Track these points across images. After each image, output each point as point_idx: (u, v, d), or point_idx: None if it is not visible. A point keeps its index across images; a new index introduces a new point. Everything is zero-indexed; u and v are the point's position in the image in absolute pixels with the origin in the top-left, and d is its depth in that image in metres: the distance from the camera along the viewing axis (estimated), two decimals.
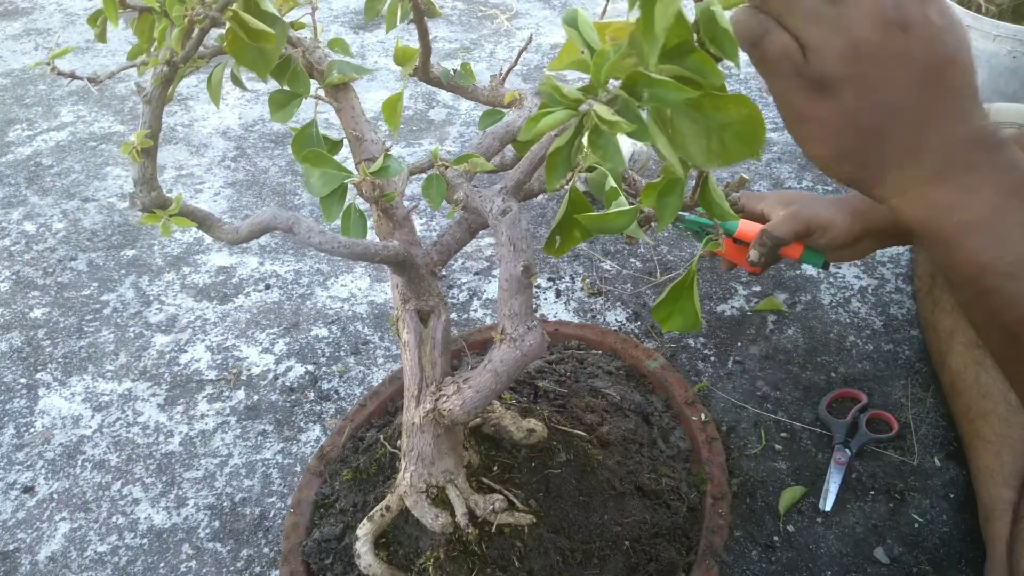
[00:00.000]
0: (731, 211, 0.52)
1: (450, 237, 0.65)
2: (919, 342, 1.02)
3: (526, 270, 0.54)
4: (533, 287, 0.56)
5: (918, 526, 0.82)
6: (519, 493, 0.68)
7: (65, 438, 1.00)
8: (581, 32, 0.37)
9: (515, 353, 0.55)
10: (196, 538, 0.87)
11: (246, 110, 1.73)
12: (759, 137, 0.33)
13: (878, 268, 1.16)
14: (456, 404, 0.60)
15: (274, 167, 1.53)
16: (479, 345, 0.97)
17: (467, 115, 1.65)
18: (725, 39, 0.34)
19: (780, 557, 0.80)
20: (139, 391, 1.06)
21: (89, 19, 0.52)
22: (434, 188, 0.59)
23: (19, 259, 1.32)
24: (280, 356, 1.10)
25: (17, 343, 1.15)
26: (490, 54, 1.92)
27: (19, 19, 2.27)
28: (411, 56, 0.62)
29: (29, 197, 1.48)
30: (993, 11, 1.27)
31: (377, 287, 1.21)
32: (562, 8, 2.17)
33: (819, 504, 0.84)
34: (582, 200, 0.54)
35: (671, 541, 0.71)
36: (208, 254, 1.30)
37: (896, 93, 0.42)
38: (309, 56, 0.60)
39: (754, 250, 0.81)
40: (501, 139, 0.67)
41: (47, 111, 1.77)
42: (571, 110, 0.35)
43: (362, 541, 0.67)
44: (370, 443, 0.84)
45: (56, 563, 0.86)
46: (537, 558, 0.66)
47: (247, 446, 0.97)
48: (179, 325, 1.16)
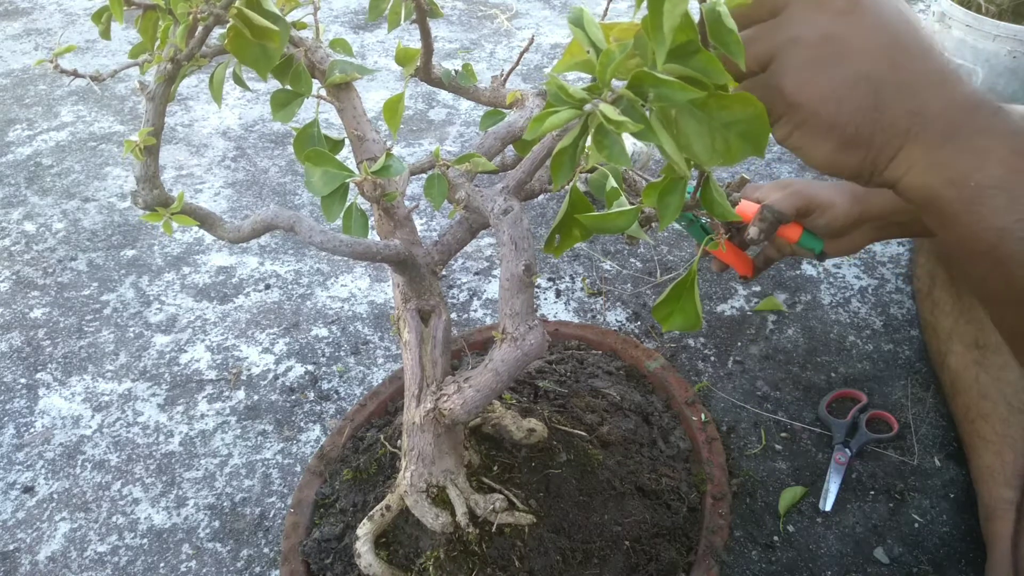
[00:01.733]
0: (732, 211, 0.52)
1: (451, 237, 0.65)
2: (919, 342, 1.03)
3: (527, 269, 0.54)
4: (534, 287, 0.56)
5: (918, 526, 0.82)
6: (519, 493, 0.68)
7: (65, 438, 1.00)
8: (587, 31, 0.37)
9: (516, 352, 0.56)
10: (196, 538, 0.87)
11: (246, 110, 1.73)
12: (764, 136, 0.33)
13: (878, 268, 1.16)
14: (457, 403, 0.60)
15: (274, 167, 1.53)
16: (479, 345, 0.97)
17: (467, 115, 1.65)
18: (730, 39, 0.34)
19: (780, 557, 0.80)
20: (139, 391, 1.06)
21: (93, 16, 0.52)
22: (436, 188, 0.59)
23: (19, 259, 1.32)
24: (280, 356, 1.10)
25: (17, 343, 1.15)
26: (490, 54, 1.92)
27: (19, 19, 2.27)
28: (412, 56, 0.62)
29: (29, 197, 1.48)
30: (993, 11, 1.27)
31: (377, 287, 1.21)
32: (562, 8, 2.17)
33: (819, 504, 0.84)
34: (582, 200, 0.54)
35: (671, 541, 0.71)
36: (208, 254, 1.30)
37: (870, 63, 0.43)
38: (311, 56, 0.60)
39: (754, 226, 0.81)
40: (502, 139, 0.67)
41: (47, 111, 1.77)
42: (576, 109, 0.35)
43: (362, 541, 0.67)
44: (370, 443, 0.84)
45: (56, 563, 0.86)
46: (537, 558, 0.66)
47: (247, 446, 0.97)
48: (179, 325, 1.16)
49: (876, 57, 0.42)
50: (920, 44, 0.43)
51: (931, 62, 0.43)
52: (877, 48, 0.43)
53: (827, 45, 0.42)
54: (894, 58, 0.43)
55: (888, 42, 0.43)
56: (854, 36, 0.42)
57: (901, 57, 0.43)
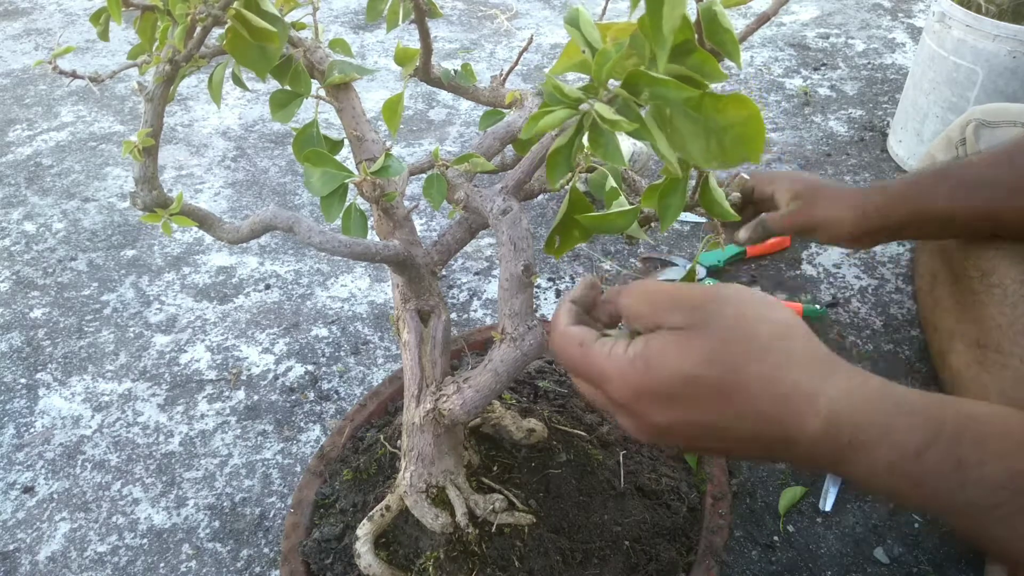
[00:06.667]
0: (732, 212, 0.52)
1: (450, 237, 0.65)
2: (919, 342, 1.02)
3: (527, 270, 0.54)
4: (533, 287, 0.56)
5: (918, 526, 0.82)
6: (519, 493, 0.68)
7: (65, 438, 1.00)
8: (583, 31, 0.37)
9: (515, 353, 0.55)
10: (196, 538, 0.87)
11: (246, 110, 1.73)
12: (759, 140, 0.33)
13: (878, 268, 1.16)
14: (456, 404, 0.60)
15: (274, 167, 1.53)
16: (479, 345, 0.97)
17: (467, 115, 1.65)
18: (727, 38, 0.34)
19: (780, 557, 0.80)
20: (139, 391, 1.06)
21: (92, 17, 0.52)
22: (435, 188, 0.59)
23: (19, 259, 1.32)
24: (280, 356, 1.10)
25: (17, 343, 1.15)
26: (490, 54, 1.92)
27: (19, 19, 2.27)
28: (412, 56, 0.62)
29: (29, 197, 1.48)
30: (993, 11, 1.27)
31: (377, 287, 1.21)
32: (562, 8, 2.17)
33: (819, 504, 0.84)
34: (582, 200, 0.54)
35: (671, 541, 0.71)
36: (208, 254, 1.30)
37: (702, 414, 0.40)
38: (310, 56, 0.60)
39: (744, 232, 0.81)
40: (502, 139, 0.67)
41: (47, 111, 1.77)
42: (572, 109, 0.35)
43: (362, 541, 0.67)
44: (370, 443, 0.83)
45: (56, 563, 0.86)
46: (537, 558, 0.66)
47: (247, 446, 0.97)
48: (179, 325, 1.16)
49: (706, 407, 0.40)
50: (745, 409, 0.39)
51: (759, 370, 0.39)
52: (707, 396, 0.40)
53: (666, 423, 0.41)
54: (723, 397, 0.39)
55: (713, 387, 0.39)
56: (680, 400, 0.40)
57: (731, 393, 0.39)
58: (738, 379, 0.38)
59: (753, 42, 1.92)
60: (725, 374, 0.39)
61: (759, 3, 1.72)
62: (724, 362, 0.39)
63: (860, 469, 0.38)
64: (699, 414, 0.39)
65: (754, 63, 1.83)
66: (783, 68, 1.81)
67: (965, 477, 0.37)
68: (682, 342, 0.39)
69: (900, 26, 1.99)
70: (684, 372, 0.39)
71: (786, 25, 2.02)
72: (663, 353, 0.40)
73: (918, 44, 1.38)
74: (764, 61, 1.84)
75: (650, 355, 0.40)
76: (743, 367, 0.39)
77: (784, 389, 0.38)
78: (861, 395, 0.39)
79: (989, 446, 0.37)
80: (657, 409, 0.40)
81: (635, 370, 0.40)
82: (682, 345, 0.39)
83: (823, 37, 1.95)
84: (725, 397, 0.39)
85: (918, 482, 0.37)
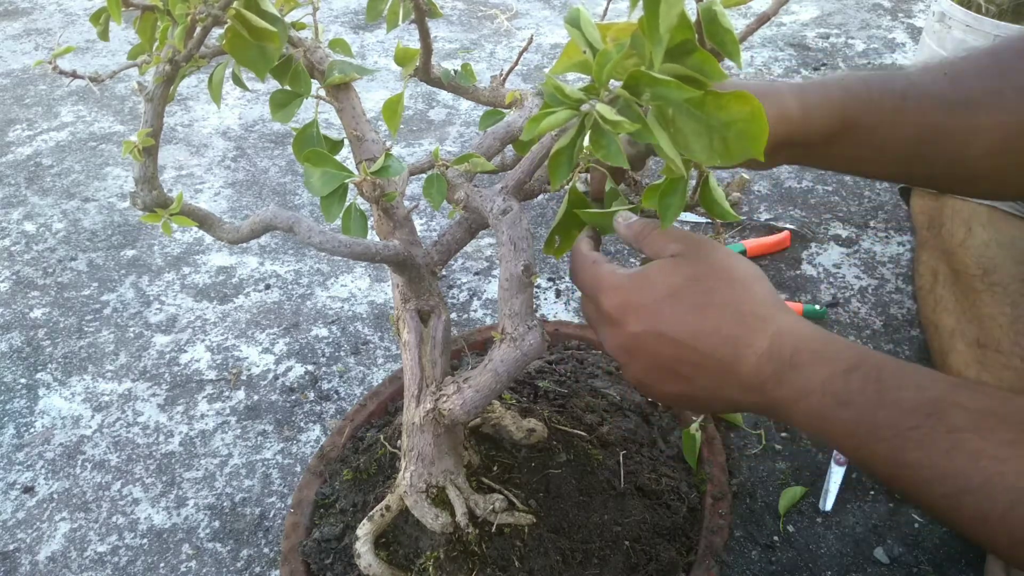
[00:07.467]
0: (732, 212, 0.52)
1: (450, 237, 0.65)
2: (919, 342, 1.02)
3: (526, 270, 0.54)
4: (533, 287, 0.56)
5: (918, 526, 0.82)
6: (519, 493, 0.68)
7: (65, 438, 1.00)
8: (583, 31, 0.37)
9: (515, 353, 0.55)
10: (196, 538, 0.87)
11: (246, 110, 1.73)
12: (762, 136, 0.33)
13: (878, 268, 1.16)
14: (456, 404, 0.60)
15: (274, 167, 1.53)
16: (479, 345, 0.97)
17: (467, 115, 1.65)
18: (727, 38, 0.34)
19: (780, 557, 0.80)
20: (139, 391, 1.06)
21: (92, 17, 0.52)
22: (435, 188, 0.59)
23: (19, 259, 1.32)
24: (280, 356, 1.10)
25: (17, 343, 1.15)
26: (490, 54, 1.92)
27: (19, 19, 2.27)
28: (412, 56, 0.62)
29: (29, 197, 1.48)
30: (993, 11, 1.27)
31: (377, 287, 1.21)
32: (562, 8, 2.17)
33: (819, 504, 0.84)
34: (582, 200, 0.54)
35: (671, 541, 0.71)
36: (208, 254, 1.30)
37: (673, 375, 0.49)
38: (310, 56, 0.60)
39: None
40: (502, 139, 0.66)
41: (47, 111, 1.77)
42: (573, 110, 0.35)
43: (362, 541, 0.67)
44: (370, 443, 0.83)
45: (56, 563, 0.86)
46: (537, 558, 0.66)
47: (247, 446, 0.97)
48: (179, 325, 1.16)
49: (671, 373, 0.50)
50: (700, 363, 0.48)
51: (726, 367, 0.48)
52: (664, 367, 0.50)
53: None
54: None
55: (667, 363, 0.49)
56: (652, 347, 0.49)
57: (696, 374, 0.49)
58: (711, 300, 0.47)
59: (753, 42, 1.92)
60: (702, 294, 0.47)
61: (759, 3, 1.72)
62: (704, 284, 0.48)
63: (795, 388, 0.45)
64: (668, 326, 0.48)
65: (754, 63, 1.83)
66: (783, 68, 1.81)
67: (884, 397, 0.42)
68: (677, 263, 0.49)
69: (900, 26, 1.99)
70: (671, 284, 0.48)
71: (786, 25, 2.02)
72: (659, 270, 0.49)
73: (918, 44, 1.38)
74: (764, 61, 1.84)
75: (647, 272, 0.49)
76: (716, 291, 0.47)
77: (744, 312, 0.47)
78: (804, 325, 0.47)
79: (908, 377, 0.43)
80: (635, 319, 0.49)
81: (630, 283, 0.49)
82: (676, 265, 0.49)
83: (823, 37, 1.95)
84: (698, 311, 0.47)
85: (844, 400, 0.43)
